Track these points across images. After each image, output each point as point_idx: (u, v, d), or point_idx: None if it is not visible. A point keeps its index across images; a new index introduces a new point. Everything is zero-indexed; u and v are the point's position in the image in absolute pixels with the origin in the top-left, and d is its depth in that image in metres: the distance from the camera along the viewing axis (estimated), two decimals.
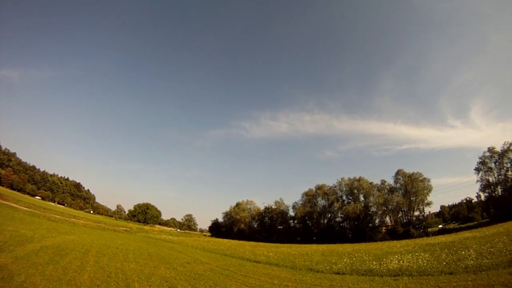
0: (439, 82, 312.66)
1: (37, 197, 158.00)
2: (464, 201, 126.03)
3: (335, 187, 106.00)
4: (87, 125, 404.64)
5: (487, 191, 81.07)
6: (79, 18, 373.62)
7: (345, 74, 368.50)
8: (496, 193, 78.20)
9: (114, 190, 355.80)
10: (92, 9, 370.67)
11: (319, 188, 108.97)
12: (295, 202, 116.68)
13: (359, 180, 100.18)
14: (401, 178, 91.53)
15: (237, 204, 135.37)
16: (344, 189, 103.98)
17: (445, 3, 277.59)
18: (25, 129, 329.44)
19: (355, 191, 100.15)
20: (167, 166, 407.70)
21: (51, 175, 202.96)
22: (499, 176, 77.24)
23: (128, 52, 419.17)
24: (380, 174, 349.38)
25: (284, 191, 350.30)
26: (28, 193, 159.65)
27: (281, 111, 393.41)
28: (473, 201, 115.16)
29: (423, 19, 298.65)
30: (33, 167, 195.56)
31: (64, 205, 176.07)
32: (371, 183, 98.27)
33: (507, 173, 75.57)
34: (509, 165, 75.53)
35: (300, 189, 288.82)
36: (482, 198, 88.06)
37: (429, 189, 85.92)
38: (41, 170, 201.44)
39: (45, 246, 19.66)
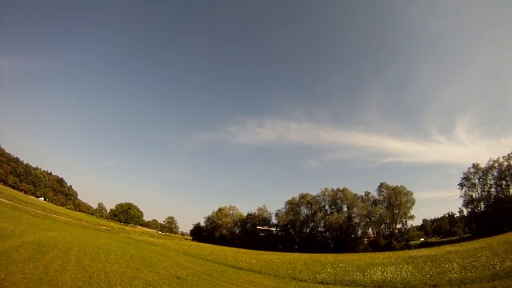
0: (426, 97, 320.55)
1: None
2: (447, 215, 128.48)
3: (318, 196, 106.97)
4: (72, 121, 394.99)
5: (470, 206, 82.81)
6: (74, 13, 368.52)
7: (333, 85, 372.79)
8: (478, 208, 80.00)
9: (96, 188, 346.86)
10: (87, 5, 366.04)
11: (302, 197, 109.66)
12: (278, 210, 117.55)
13: (343, 190, 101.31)
14: (385, 191, 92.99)
15: (220, 209, 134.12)
16: (328, 199, 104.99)
17: (437, 21, 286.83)
18: (10, 120, 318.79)
19: (339, 201, 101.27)
20: (151, 166, 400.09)
21: (34, 168, 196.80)
22: (483, 192, 79.16)
23: (118, 50, 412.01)
24: (363, 186, 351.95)
25: (267, 199, 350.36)
26: (10, 185, 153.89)
27: (267, 118, 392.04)
28: (455, 215, 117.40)
29: (414, 35, 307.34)
30: (17, 158, 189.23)
31: (46, 199, 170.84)
32: (355, 194, 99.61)
33: (490, 189, 77.38)
34: (492, 181, 77.28)
35: (283, 197, 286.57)
36: (465, 213, 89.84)
37: (412, 202, 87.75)
38: (25, 162, 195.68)
39: (26, 242, 19.10)
